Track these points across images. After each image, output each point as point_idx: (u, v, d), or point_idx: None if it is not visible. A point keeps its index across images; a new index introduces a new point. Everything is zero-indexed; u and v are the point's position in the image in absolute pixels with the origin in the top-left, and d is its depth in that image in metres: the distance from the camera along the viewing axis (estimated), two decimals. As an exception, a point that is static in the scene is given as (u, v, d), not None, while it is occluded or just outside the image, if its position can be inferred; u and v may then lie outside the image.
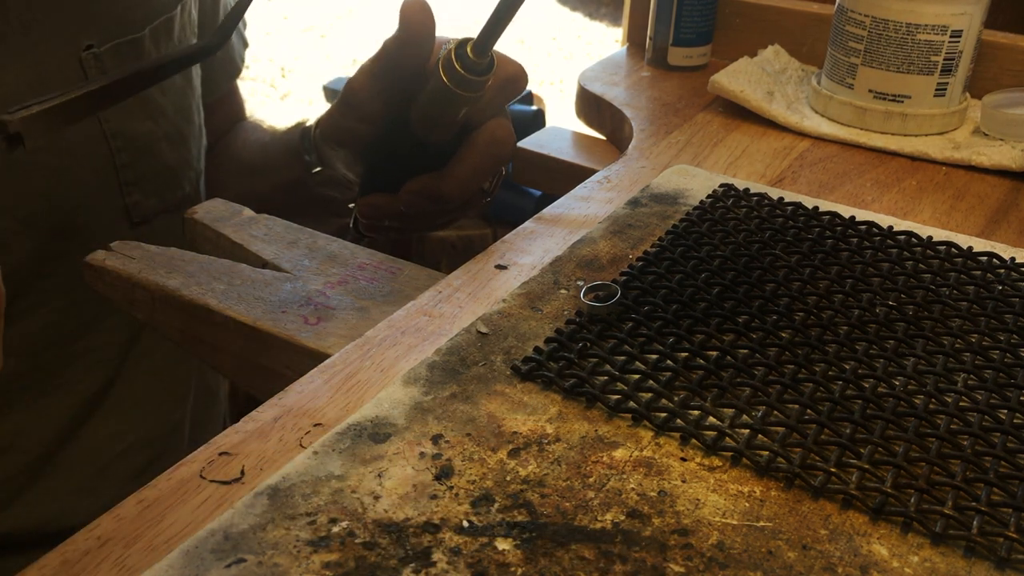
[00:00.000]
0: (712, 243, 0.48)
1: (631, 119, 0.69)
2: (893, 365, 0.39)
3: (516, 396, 0.37)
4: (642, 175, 0.59)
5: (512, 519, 0.31)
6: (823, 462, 0.33)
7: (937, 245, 0.49)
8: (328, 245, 0.53)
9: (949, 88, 0.65)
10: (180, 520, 0.31)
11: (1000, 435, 0.35)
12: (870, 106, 0.66)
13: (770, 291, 0.44)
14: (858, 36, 0.66)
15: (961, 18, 0.63)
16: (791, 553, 0.30)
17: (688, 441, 0.35)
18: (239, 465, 0.34)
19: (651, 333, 0.40)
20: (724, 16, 0.81)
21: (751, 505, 0.32)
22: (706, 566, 0.30)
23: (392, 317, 0.44)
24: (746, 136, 0.66)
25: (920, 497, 0.32)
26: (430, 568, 0.29)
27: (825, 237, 0.49)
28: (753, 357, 0.39)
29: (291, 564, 0.29)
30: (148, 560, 0.30)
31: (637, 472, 0.33)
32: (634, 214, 0.52)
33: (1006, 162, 0.61)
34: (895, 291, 0.44)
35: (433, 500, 0.31)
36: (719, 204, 0.52)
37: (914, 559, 0.30)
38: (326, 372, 0.40)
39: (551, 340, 0.40)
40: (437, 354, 0.39)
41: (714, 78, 0.70)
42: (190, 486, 0.33)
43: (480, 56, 0.46)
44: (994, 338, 0.41)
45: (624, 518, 0.31)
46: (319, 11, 3.55)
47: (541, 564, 0.29)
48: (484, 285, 0.47)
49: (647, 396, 0.37)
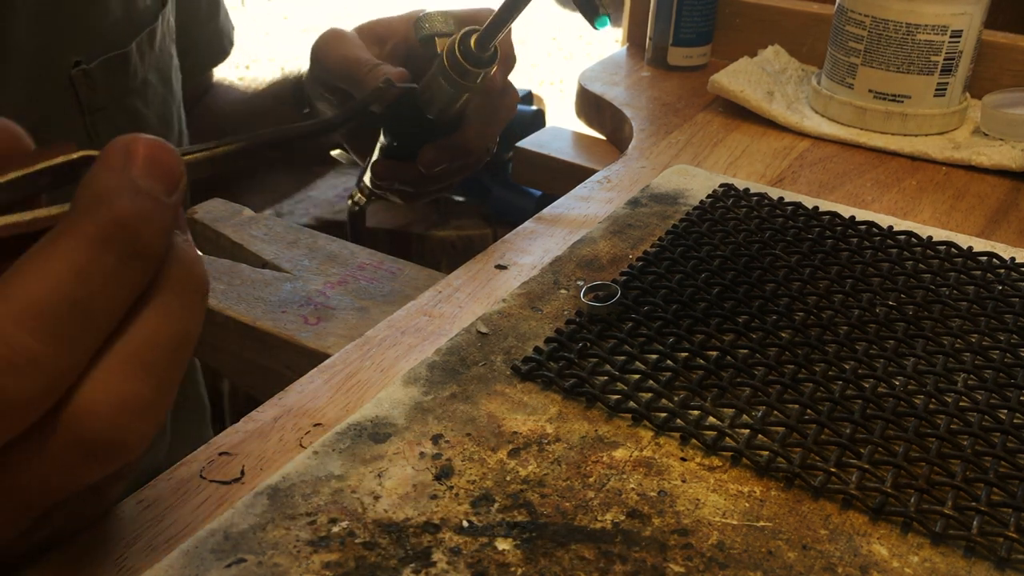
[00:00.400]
0: (712, 243, 0.48)
1: (631, 119, 0.69)
2: (893, 365, 0.39)
3: (516, 396, 0.37)
4: (642, 175, 0.59)
5: (512, 519, 0.31)
6: (823, 462, 0.33)
7: (937, 245, 0.49)
8: (328, 245, 0.53)
9: (949, 88, 0.65)
10: (180, 520, 0.31)
11: (1000, 435, 0.35)
12: (870, 106, 0.66)
13: (770, 291, 0.44)
14: (858, 36, 0.66)
15: (961, 18, 0.63)
16: (791, 553, 0.30)
17: (688, 441, 0.35)
18: (239, 465, 0.34)
19: (651, 333, 0.40)
20: (724, 16, 0.81)
21: (751, 505, 0.32)
22: (706, 566, 0.30)
23: (392, 317, 0.44)
24: (746, 136, 0.66)
25: (920, 497, 0.32)
26: (430, 568, 0.29)
27: (825, 237, 0.49)
28: (753, 357, 0.39)
29: (291, 564, 0.29)
30: (148, 560, 0.30)
31: (637, 472, 0.33)
32: (634, 214, 0.52)
33: (1006, 162, 0.61)
34: (895, 291, 0.44)
35: (433, 500, 0.31)
36: (719, 204, 0.52)
37: (914, 559, 0.30)
38: (326, 372, 0.40)
39: (551, 340, 0.40)
40: (437, 354, 0.39)
41: (714, 78, 0.70)
42: (190, 486, 0.33)
43: (482, 49, 0.47)
44: (994, 338, 0.41)
45: (624, 518, 0.31)
46: (319, 11, 3.54)
47: (541, 564, 0.29)
48: (484, 285, 0.47)
49: (647, 396, 0.37)
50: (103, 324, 0.24)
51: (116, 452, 0.25)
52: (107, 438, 0.24)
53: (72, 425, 0.24)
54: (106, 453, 0.25)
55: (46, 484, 0.25)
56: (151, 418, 0.25)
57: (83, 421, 0.24)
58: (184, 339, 0.26)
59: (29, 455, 0.24)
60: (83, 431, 0.24)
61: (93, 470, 0.25)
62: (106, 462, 0.25)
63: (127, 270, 0.24)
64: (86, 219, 0.24)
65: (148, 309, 0.25)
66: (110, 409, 0.24)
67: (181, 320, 0.26)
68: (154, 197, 0.25)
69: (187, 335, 0.26)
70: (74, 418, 0.24)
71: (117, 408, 0.24)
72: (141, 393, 0.25)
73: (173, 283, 0.26)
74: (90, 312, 0.24)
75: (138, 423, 0.25)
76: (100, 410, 0.24)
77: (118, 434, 0.24)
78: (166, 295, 0.26)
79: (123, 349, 0.25)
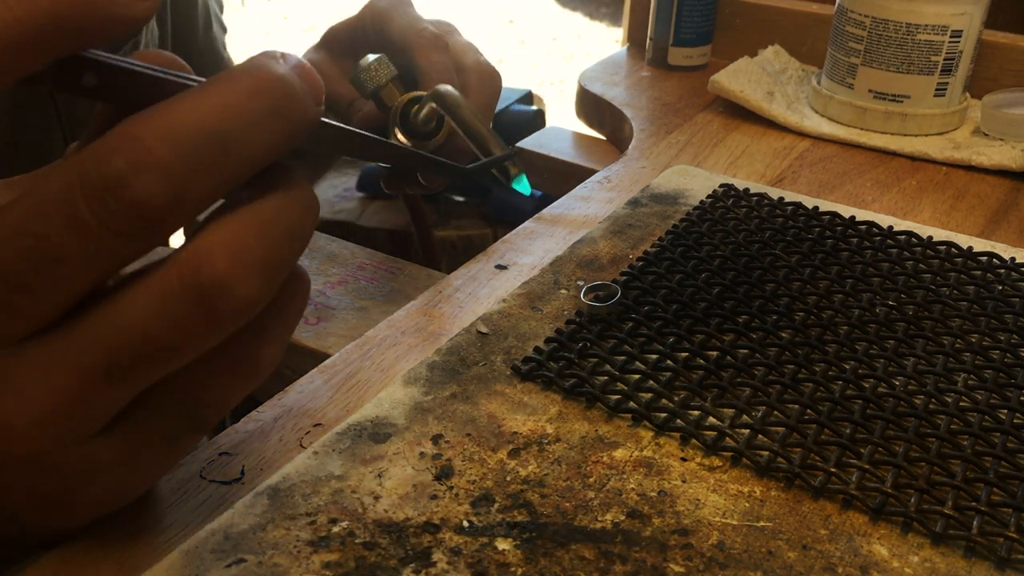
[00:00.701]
0: (712, 243, 0.48)
1: (631, 119, 0.69)
2: (893, 365, 0.39)
3: (516, 396, 0.37)
4: (642, 175, 0.59)
5: (512, 519, 0.31)
6: (823, 462, 0.33)
7: (937, 245, 0.49)
8: (328, 245, 0.53)
9: (949, 88, 0.65)
10: (180, 520, 0.31)
11: (1000, 435, 0.35)
12: (870, 106, 0.66)
13: (770, 291, 0.44)
14: (858, 36, 0.66)
15: (961, 18, 0.63)
16: (791, 553, 0.30)
17: (688, 441, 0.35)
18: (239, 465, 0.34)
19: (651, 333, 0.40)
20: (724, 16, 0.81)
21: (751, 505, 0.32)
22: (706, 566, 0.30)
23: (392, 317, 0.44)
24: (746, 136, 0.66)
25: (920, 497, 0.32)
26: (430, 568, 0.29)
27: (825, 237, 0.49)
28: (753, 357, 0.39)
29: (291, 564, 0.29)
30: (148, 560, 0.30)
31: (637, 472, 0.33)
32: (634, 214, 0.52)
33: (1006, 162, 0.61)
34: (895, 291, 0.44)
35: (433, 500, 0.31)
36: (719, 204, 0.52)
37: (914, 559, 0.30)
38: (326, 372, 0.40)
39: (551, 340, 0.40)
40: (437, 354, 0.39)
41: (714, 78, 0.70)
42: (190, 486, 0.33)
43: (426, 124, 0.47)
44: (994, 338, 0.41)
45: (624, 518, 0.31)
46: (319, 11, 3.54)
47: (541, 564, 0.29)
48: (484, 285, 0.47)
49: (647, 396, 0.37)
50: (237, 166, 0.25)
51: (225, 302, 0.24)
52: (221, 283, 0.24)
53: (187, 264, 0.24)
54: (214, 303, 0.24)
55: (147, 332, 0.24)
56: (264, 287, 0.25)
57: (200, 262, 0.24)
58: (299, 232, 0.26)
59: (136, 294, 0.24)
60: (198, 273, 0.24)
61: (194, 323, 0.24)
62: (210, 317, 0.24)
63: (271, 124, 0.25)
64: (243, 72, 0.25)
65: (277, 191, 0.26)
66: (228, 256, 0.24)
67: (302, 216, 0.26)
68: (307, 89, 0.26)
69: (303, 231, 0.26)
70: (192, 257, 0.24)
71: (234, 258, 0.24)
72: (259, 255, 0.25)
73: (298, 182, 0.27)
74: (227, 148, 0.24)
75: (252, 280, 0.25)
76: (218, 256, 0.24)
77: (232, 283, 0.24)
78: (293, 188, 0.26)
79: (247, 214, 0.25)
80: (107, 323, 0.24)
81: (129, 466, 0.27)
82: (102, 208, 0.23)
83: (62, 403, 0.25)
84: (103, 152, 0.23)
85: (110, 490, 0.28)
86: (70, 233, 0.23)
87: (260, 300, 0.25)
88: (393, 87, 0.49)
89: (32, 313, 0.24)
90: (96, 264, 0.24)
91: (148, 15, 0.24)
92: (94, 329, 0.24)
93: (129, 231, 0.23)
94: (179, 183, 0.23)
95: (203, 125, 0.24)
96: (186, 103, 0.24)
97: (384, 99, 0.49)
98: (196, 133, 0.24)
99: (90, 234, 0.23)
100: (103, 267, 0.24)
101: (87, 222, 0.23)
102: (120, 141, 0.23)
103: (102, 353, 0.24)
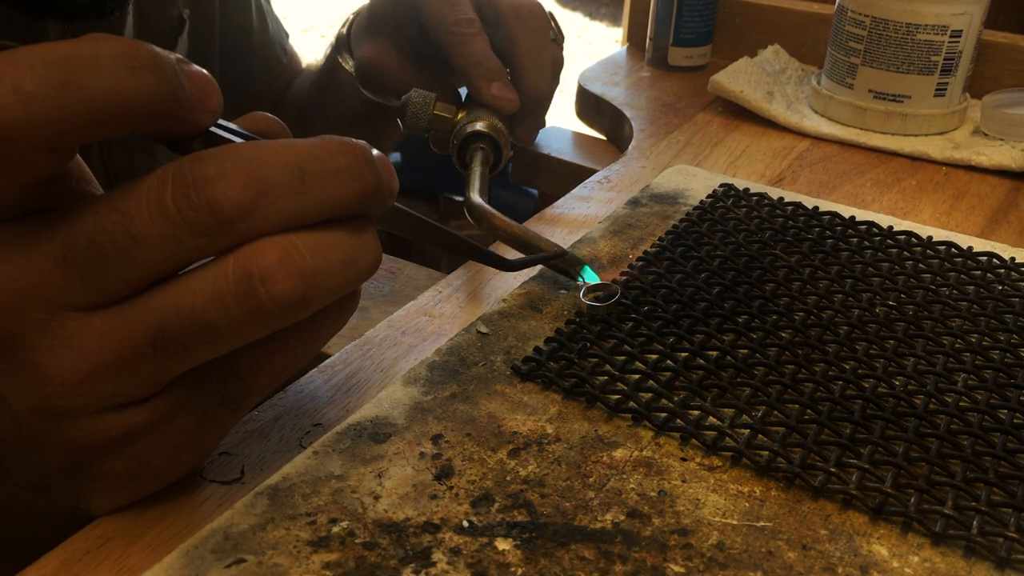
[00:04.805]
0: (712, 243, 0.48)
1: (631, 119, 0.69)
2: (893, 365, 0.39)
3: (516, 396, 0.37)
4: (642, 175, 0.59)
5: (512, 519, 0.31)
6: (823, 462, 0.33)
7: (937, 245, 0.49)
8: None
9: (949, 88, 0.65)
10: (180, 520, 0.31)
11: (1000, 435, 0.35)
12: (870, 106, 0.66)
13: (770, 291, 0.44)
14: (858, 36, 0.66)
15: (961, 18, 0.63)
16: (791, 553, 0.30)
17: (688, 441, 0.35)
18: (239, 465, 0.34)
19: (651, 333, 0.40)
20: (724, 16, 0.81)
21: (751, 505, 0.32)
22: (706, 566, 0.30)
23: (392, 317, 0.44)
24: (746, 136, 0.66)
25: (920, 497, 0.32)
26: (430, 568, 0.29)
27: (825, 237, 0.49)
28: (753, 357, 0.39)
29: (291, 564, 0.29)
30: (148, 560, 0.30)
31: (637, 472, 0.33)
32: (634, 214, 0.52)
33: (1006, 162, 0.61)
34: (895, 291, 0.44)
35: (433, 500, 0.31)
36: (719, 204, 0.52)
37: (914, 559, 0.30)
38: (326, 372, 0.40)
39: (551, 340, 0.40)
40: (437, 354, 0.39)
41: (714, 78, 0.70)
42: (190, 486, 0.33)
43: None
44: (994, 338, 0.41)
45: (624, 518, 0.31)
46: (319, 11, 3.54)
47: (541, 564, 0.29)
48: (484, 285, 0.47)
49: (647, 396, 0.37)
50: (311, 203, 0.27)
51: (266, 291, 0.26)
52: (266, 274, 0.26)
53: (244, 253, 0.26)
54: (256, 290, 0.26)
55: (195, 308, 0.26)
56: (306, 293, 0.27)
57: (255, 252, 0.26)
58: (354, 264, 0.28)
59: (194, 275, 0.27)
60: (249, 261, 0.26)
61: (238, 305, 0.26)
62: (252, 304, 0.26)
63: (347, 181, 0.28)
64: (339, 139, 0.29)
65: (345, 226, 0.28)
66: (279, 253, 0.26)
67: (361, 253, 0.29)
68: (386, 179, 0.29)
69: (358, 266, 0.29)
70: (249, 248, 0.26)
71: (285, 257, 0.26)
72: (308, 264, 0.27)
73: (368, 226, 0.30)
74: (304, 181, 0.27)
75: (293, 281, 0.26)
76: (271, 251, 0.26)
77: (276, 277, 0.26)
78: (360, 230, 0.29)
79: (309, 234, 0.27)
80: (163, 296, 0.26)
81: (159, 436, 0.29)
82: (183, 198, 0.25)
83: (110, 364, 0.26)
84: (200, 157, 0.26)
85: (137, 466, 0.29)
86: (152, 214, 0.25)
87: (299, 303, 0.27)
88: (440, 111, 0.51)
89: (101, 283, 0.26)
90: (167, 249, 0.26)
91: (209, 124, 0.27)
92: (151, 301, 0.26)
93: (201, 224, 0.26)
94: (253, 195, 0.26)
95: (289, 158, 0.27)
96: (282, 142, 0.28)
97: (436, 125, 0.51)
98: (281, 162, 0.27)
99: (168, 218, 0.25)
100: (172, 255, 0.26)
101: (168, 208, 0.25)
102: (217, 152, 0.26)
103: (154, 323, 0.26)
